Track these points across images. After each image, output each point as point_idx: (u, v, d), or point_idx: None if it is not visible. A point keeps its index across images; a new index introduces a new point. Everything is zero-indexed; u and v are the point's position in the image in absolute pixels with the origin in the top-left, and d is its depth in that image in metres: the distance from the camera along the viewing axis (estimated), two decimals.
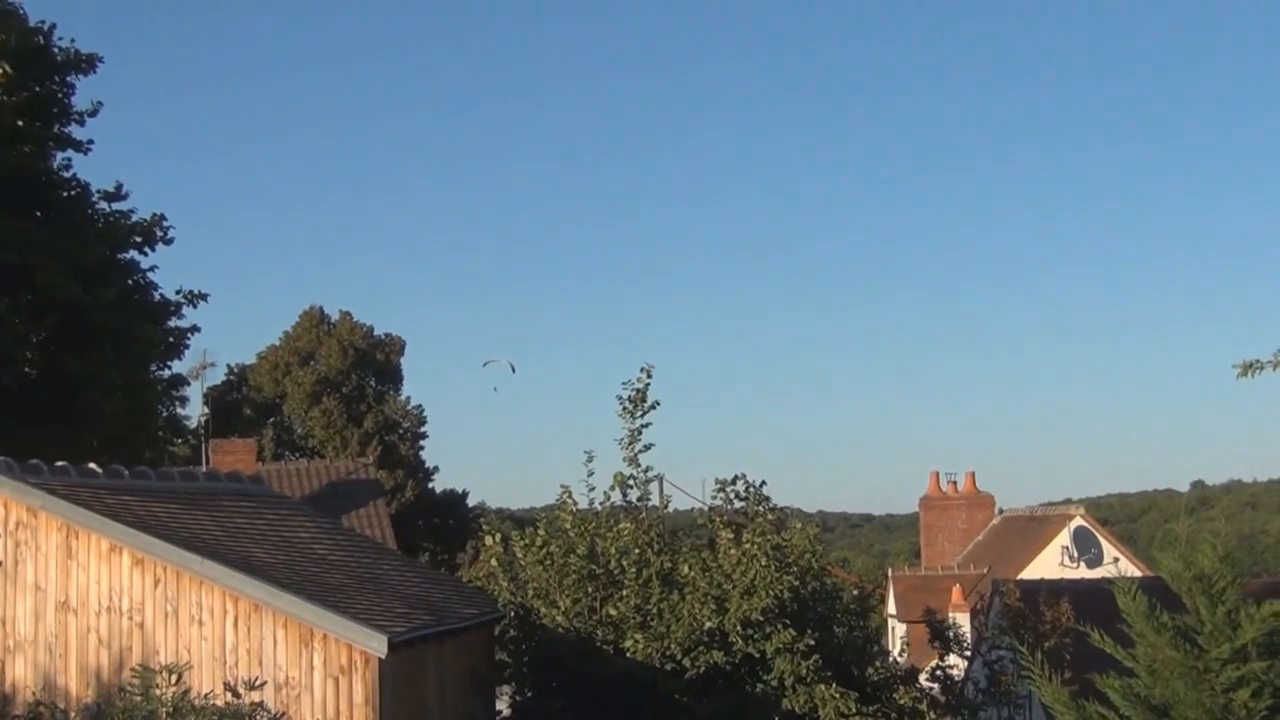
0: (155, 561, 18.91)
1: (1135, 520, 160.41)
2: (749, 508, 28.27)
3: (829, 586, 28.61)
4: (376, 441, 73.14)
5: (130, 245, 38.69)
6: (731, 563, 25.76)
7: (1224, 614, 17.01)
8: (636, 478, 27.97)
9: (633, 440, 27.94)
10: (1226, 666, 16.73)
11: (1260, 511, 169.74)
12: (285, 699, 18.39)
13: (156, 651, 18.72)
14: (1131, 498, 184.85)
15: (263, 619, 18.65)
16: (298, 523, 24.36)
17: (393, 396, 79.34)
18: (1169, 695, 17.12)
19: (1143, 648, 17.47)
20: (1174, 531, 18.60)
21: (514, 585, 27.20)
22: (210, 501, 22.58)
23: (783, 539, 26.84)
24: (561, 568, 26.33)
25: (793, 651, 24.96)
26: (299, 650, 18.57)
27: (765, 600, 25.05)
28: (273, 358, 78.58)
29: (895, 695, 26.93)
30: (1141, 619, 17.47)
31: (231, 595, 18.71)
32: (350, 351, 77.57)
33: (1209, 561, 17.40)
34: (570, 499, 27.74)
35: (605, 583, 26.25)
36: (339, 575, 21.52)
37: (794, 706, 24.98)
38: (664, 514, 28.87)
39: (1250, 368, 18.52)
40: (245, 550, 20.45)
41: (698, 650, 24.93)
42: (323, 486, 46.96)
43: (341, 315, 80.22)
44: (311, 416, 75.27)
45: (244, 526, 22.05)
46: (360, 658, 18.37)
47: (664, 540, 27.27)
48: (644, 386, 27.94)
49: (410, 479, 74.78)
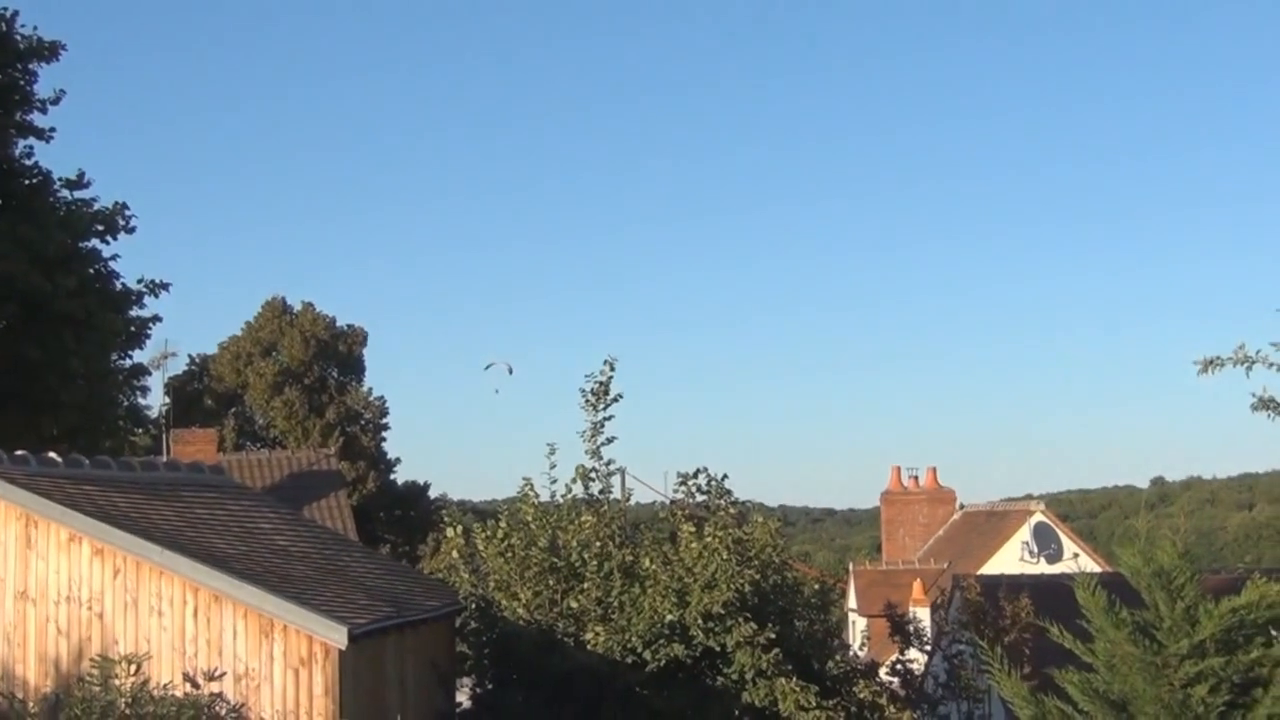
0: (115, 551, 18.86)
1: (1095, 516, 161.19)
2: (711, 501, 28.30)
3: (790, 580, 28.62)
4: (338, 433, 72.97)
5: (92, 234, 38.55)
6: (693, 556, 25.77)
7: (1183, 610, 17.08)
8: (598, 470, 28.00)
9: (595, 433, 27.96)
10: (1185, 662, 16.79)
11: (1220, 508, 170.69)
12: (245, 690, 18.37)
13: (116, 642, 18.68)
14: (1092, 494, 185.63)
15: (223, 610, 18.62)
16: (259, 513, 24.32)
17: (355, 388, 79.18)
18: (1127, 690, 17.19)
19: (1102, 643, 17.53)
20: (1133, 527, 18.65)
21: (475, 577, 27.19)
22: (171, 492, 22.53)
23: (744, 533, 26.86)
24: (523, 560, 26.31)
25: (753, 645, 24.98)
26: (259, 641, 18.54)
27: (726, 594, 25.07)
28: (234, 348, 78.38)
29: (855, 689, 26.98)
30: (1101, 614, 17.53)
31: (191, 586, 18.67)
32: (312, 342, 77.42)
33: (1168, 557, 17.46)
34: (532, 491, 27.74)
35: (566, 575, 26.25)
36: (300, 566, 21.48)
37: (754, 700, 25.01)
38: (626, 507, 28.90)
39: (1211, 364, 18.61)
40: (206, 541, 20.40)
41: (658, 643, 24.94)
42: (284, 477, 46.89)
43: (304, 306, 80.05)
44: (273, 407, 75.08)
45: (205, 517, 22.01)
46: (320, 649, 18.35)
47: (625, 533, 27.29)
48: (607, 379, 27.97)
49: (372, 470, 74.66)
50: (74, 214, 38.13)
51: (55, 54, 37.91)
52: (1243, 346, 18.48)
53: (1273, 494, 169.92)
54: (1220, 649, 16.91)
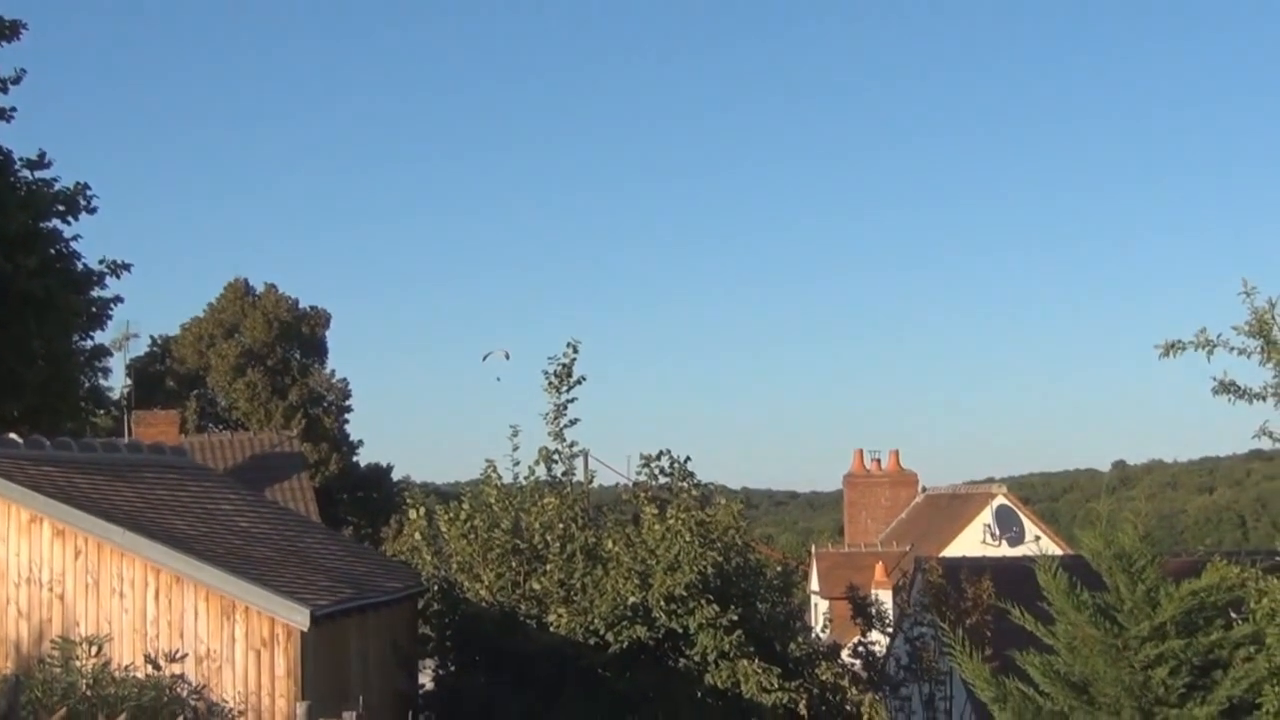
0: (76, 533, 18.81)
1: (1057, 499, 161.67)
2: (673, 483, 28.31)
3: (753, 563, 28.66)
4: (301, 414, 72.70)
5: (53, 214, 38.30)
6: (655, 538, 25.79)
7: (1143, 592, 17.18)
8: (561, 453, 27.98)
9: (558, 415, 27.96)
10: (1145, 644, 16.90)
11: (1181, 491, 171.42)
12: (206, 671, 18.34)
13: (77, 623, 18.63)
14: (1053, 477, 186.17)
15: (184, 591, 18.59)
16: (221, 495, 24.27)
17: (318, 369, 78.98)
18: (1088, 672, 17.29)
19: (1063, 625, 17.62)
20: (1095, 511, 18.75)
21: (438, 559, 27.18)
22: (132, 473, 22.46)
23: (707, 515, 26.87)
24: (485, 542, 26.30)
25: (716, 627, 25.02)
26: (220, 623, 18.52)
27: (689, 576, 25.09)
28: (197, 329, 78.07)
29: (817, 671, 27.05)
30: (1062, 597, 17.63)
31: (153, 567, 18.63)
32: (275, 324, 77.14)
33: (1129, 540, 17.57)
34: (495, 473, 27.73)
35: (529, 557, 26.25)
36: (262, 548, 21.45)
37: (716, 682, 25.04)
38: (588, 489, 28.93)
39: (1172, 348, 18.68)
40: (167, 522, 20.36)
41: (621, 625, 24.96)
42: (246, 459, 46.75)
43: (266, 287, 79.76)
44: (235, 389, 74.80)
45: (166, 499, 21.95)
46: (282, 631, 18.34)
47: (588, 515, 27.29)
48: (570, 362, 27.95)
49: (334, 452, 74.47)
50: (35, 194, 37.87)
51: (16, 33, 37.63)
52: (1204, 330, 18.58)
53: (1233, 478, 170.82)
54: (1180, 631, 17.03)
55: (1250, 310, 18.36)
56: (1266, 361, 18.33)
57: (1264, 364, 18.36)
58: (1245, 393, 18.54)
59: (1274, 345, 18.22)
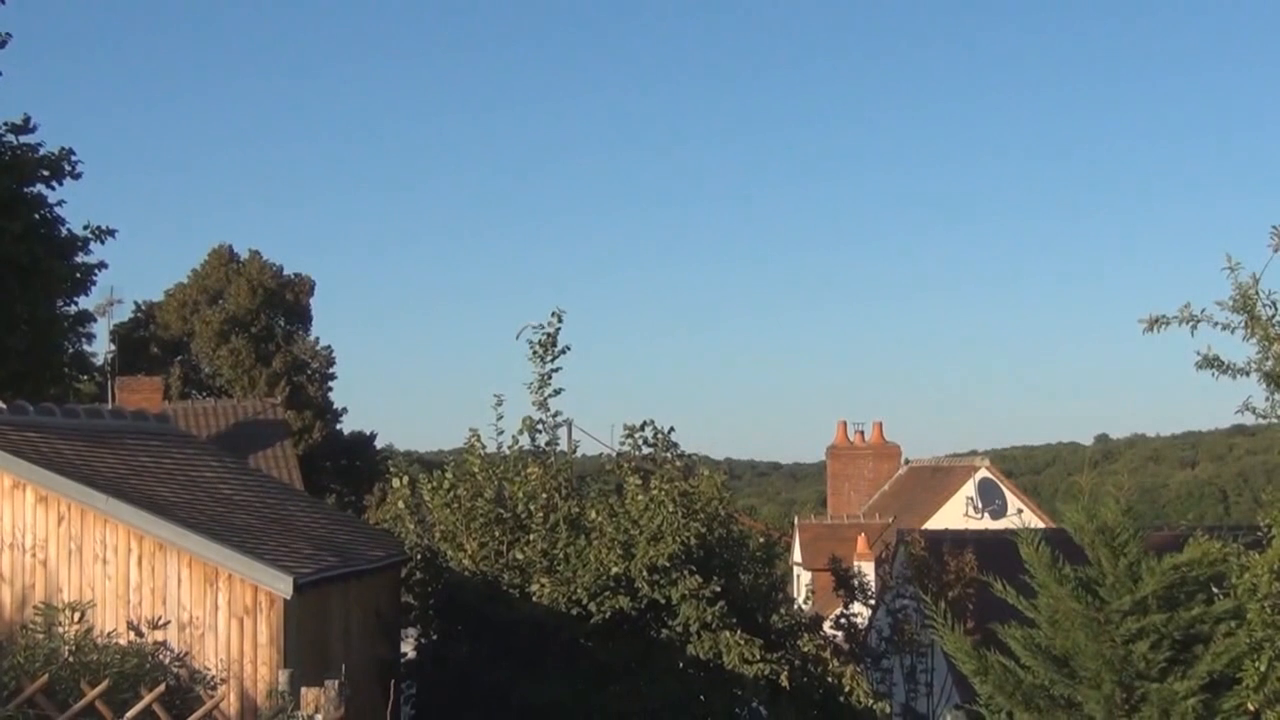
0: (59, 499, 18.76)
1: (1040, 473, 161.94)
2: (657, 454, 28.36)
3: (735, 534, 28.72)
4: (284, 382, 72.65)
5: (37, 179, 38.22)
6: (639, 509, 25.82)
7: (1125, 566, 17.22)
8: (545, 422, 28.01)
9: (542, 385, 27.96)
10: (1127, 618, 16.94)
11: (1163, 465, 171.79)
12: (189, 638, 18.31)
13: (60, 589, 18.59)
14: (1036, 450, 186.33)
15: (167, 558, 18.55)
16: (204, 462, 24.23)
17: (301, 337, 78.93)
18: (1069, 646, 17.33)
19: (1045, 598, 17.67)
20: (1077, 484, 18.80)
21: (421, 528, 27.20)
22: (115, 440, 22.41)
23: (690, 486, 26.91)
24: (469, 511, 26.31)
25: (698, 598, 25.06)
26: (204, 590, 18.49)
27: (672, 546, 25.12)
28: (181, 295, 77.98)
29: (799, 642, 27.11)
30: (1044, 570, 17.66)
31: (136, 534, 18.60)
32: (259, 291, 77.06)
33: (1111, 514, 17.60)
34: (478, 442, 27.73)
35: (512, 527, 26.27)
36: (245, 515, 21.42)
37: (698, 653, 25.09)
38: (572, 459, 28.96)
39: (1156, 323, 18.68)
40: (150, 489, 20.32)
41: (603, 595, 24.99)
42: (229, 426, 46.69)
43: (251, 254, 79.68)
44: (219, 355, 74.74)
45: (149, 465, 21.91)
46: (265, 598, 18.32)
47: (571, 485, 27.30)
48: (554, 331, 27.95)
49: (318, 420, 74.46)
50: (19, 158, 37.78)
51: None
52: (1188, 305, 18.58)
53: (1215, 452, 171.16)
54: (1162, 606, 17.07)
55: (1234, 285, 18.37)
56: (1250, 337, 18.34)
57: (1247, 339, 18.38)
58: (1228, 368, 18.56)
59: (1257, 320, 18.24)
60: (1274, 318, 18.27)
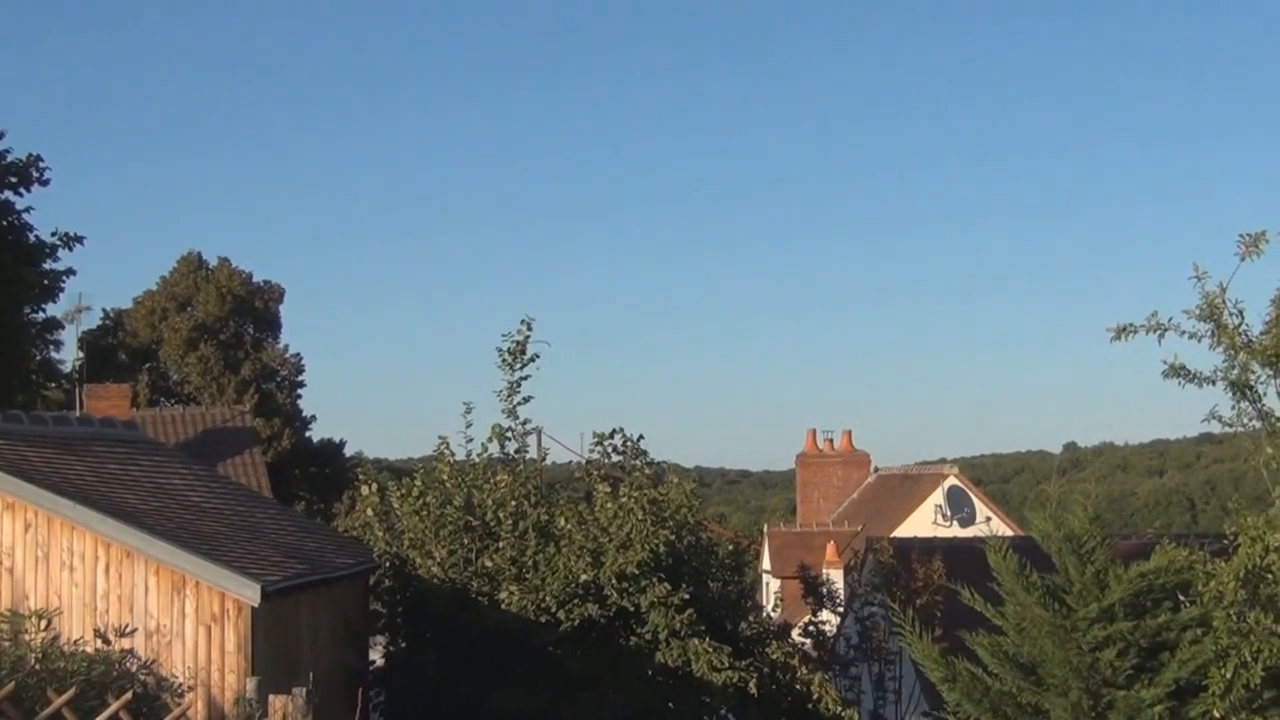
0: (26, 506, 18.71)
1: (1008, 481, 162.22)
2: (626, 461, 28.38)
3: (704, 541, 28.75)
4: (253, 389, 72.50)
5: (5, 186, 38.19)
6: (608, 516, 25.84)
7: (1092, 574, 17.28)
8: (514, 430, 28.01)
9: (511, 392, 27.96)
10: (1094, 626, 17.00)
11: (1131, 474, 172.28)
12: (156, 646, 18.29)
13: (26, 597, 18.54)
14: (1005, 458, 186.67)
15: (135, 565, 18.52)
16: (172, 469, 24.19)
17: (271, 344, 78.75)
18: (1037, 653, 17.39)
19: (1012, 606, 17.72)
20: (1045, 492, 18.89)
21: (390, 535, 27.18)
22: (83, 447, 22.36)
23: (659, 493, 26.93)
24: (438, 518, 26.31)
25: (667, 605, 25.08)
26: (171, 597, 18.47)
27: (641, 554, 25.14)
28: (149, 303, 77.75)
29: (768, 650, 27.15)
30: (1011, 578, 17.72)
31: (103, 541, 18.56)
32: (228, 298, 76.89)
33: (1079, 522, 17.67)
34: (448, 450, 27.72)
35: (481, 534, 26.27)
36: (213, 523, 21.39)
37: (667, 660, 25.11)
38: (541, 466, 28.94)
39: (1124, 331, 18.77)
40: (118, 496, 20.28)
41: (572, 603, 25.00)
42: (198, 434, 46.66)
43: (220, 261, 79.49)
44: (188, 363, 74.54)
45: (117, 473, 21.87)
46: (233, 606, 18.30)
47: (541, 493, 27.32)
48: (524, 339, 27.95)
49: (287, 427, 74.30)
50: None
51: None
52: (1156, 314, 18.68)
53: (1183, 461, 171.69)
54: (1128, 613, 17.13)
55: (1201, 294, 18.48)
56: (1216, 345, 18.45)
57: (1214, 348, 18.49)
58: (1195, 376, 18.66)
59: (1224, 329, 18.34)
60: (1240, 326, 18.38)
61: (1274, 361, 18.23)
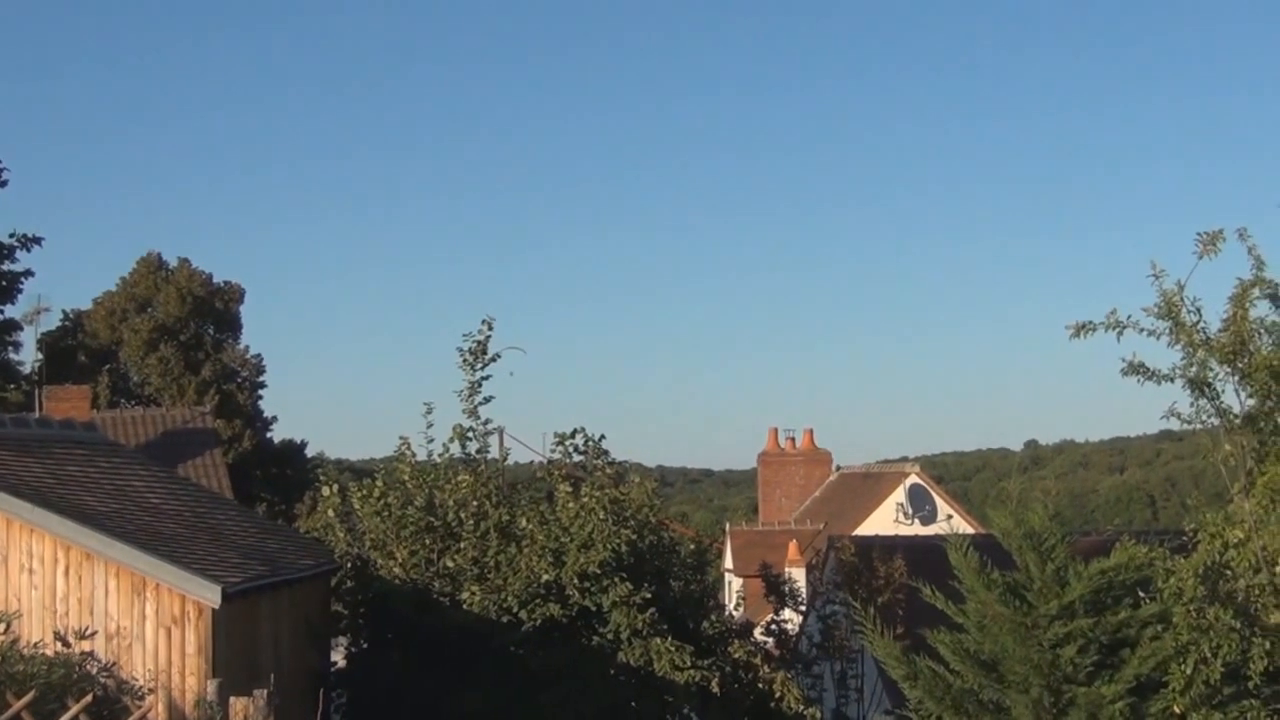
0: None
1: (969, 479, 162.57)
2: (588, 461, 28.40)
3: (666, 541, 28.79)
4: (214, 390, 72.15)
5: None
6: (569, 516, 25.84)
7: (1053, 571, 17.30)
8: (476, 430, 28.00)
9: (472, 392, 27.95)
10: (1054, 623, 17.02)
11: (1092, 471, 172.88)
12: (116, 649, 18.24)
13: None
14: (966, 456, 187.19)
15: (94, 568, 18.47)
16: (131, 471, 24.11)
17: (231, 345, 78.43)
18: (998, 650, 17.41)
19: (973, 603, 17.73)
20: (1006, 490, 18.89)
21: (351, 536, 27.14)
22: (42, 449, 22.28)
23: (621, 493, 26.96)
24: (399, 519, 26.29)
25: (629, 605, 25.09)
26: (131, 600, 18.42)
27: (603, 554, 25.15)
28: (109, 303, 77.37)
29: (730, 649, 27.17)
30: (972, 575, 17.73)
31: (63, 544, 18.51)
32: (188, 299, 76.54)
33: (1039, 520, 17.69)
34: (409, 450, 27.73)
35: (443, 535, 26.26)
36: (173, 525, 21.34)
37: (629, 660, 25.12)
38: (503, 467, 28.93)
39: (1083, 329, 18.81)
40: (77, 498, 20.22)
41: (535, 603, 25.00)
42: (158, 435, 46.45)
43: (180, 262, 79.15)
44: (148, 364, 74.19)
45: (76, 475, 21.79)
46: (193, 608, 18.26)
47: (502, 493, 27.33)
48: (484, 339, 27.95)
49: (248, 428, 73.99)
50: None
51: None
52: (1114, 312, 18.72)
53: (1144, 457, 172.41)
54: (1089, 610, 17.16)
55: (1159, 292, 18.53)
56: (1175, 343, 18.50)
57: (1172, 345, 18.54)
58: (1154, 374, 18.71)
59: (1182, 327, 18.39)
60: (1198, 324, 18.44)
61: (1231, 359, 18.30)
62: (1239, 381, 18.44)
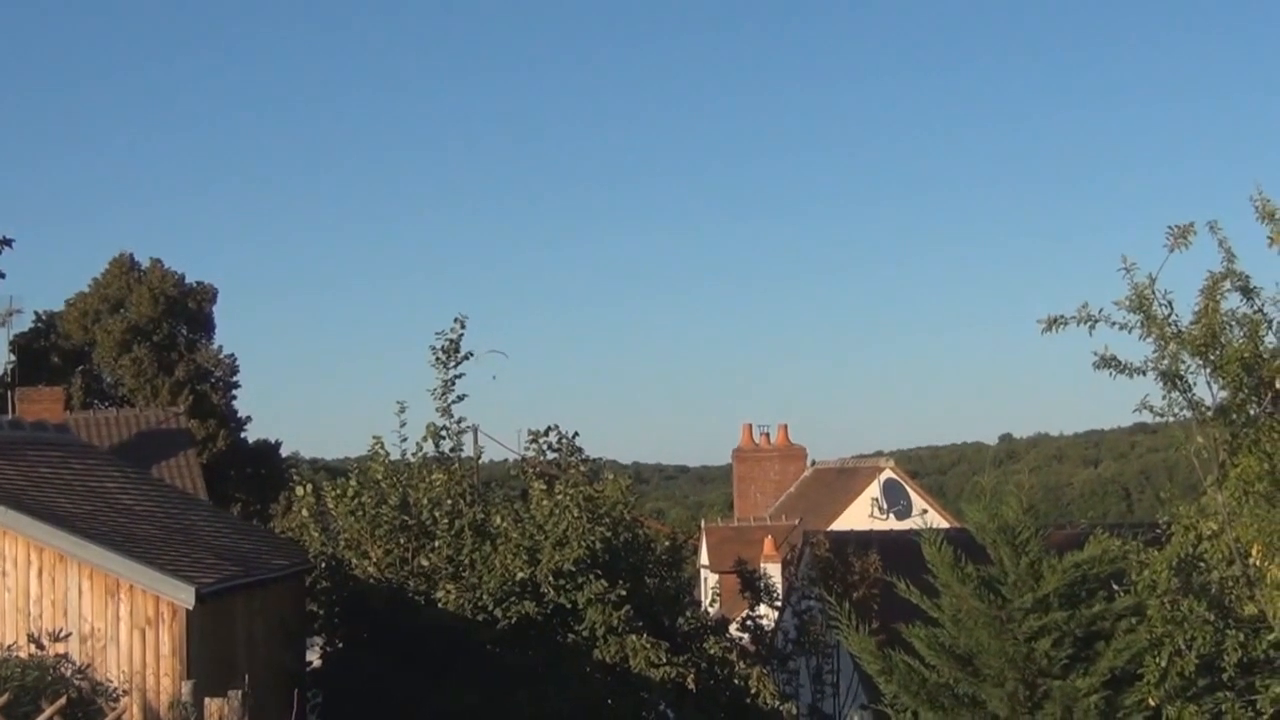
0: None
1: (944, 473, 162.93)
2: (562, 459, 28.42)
3: (641, 538, 28.79)
4: (188, 391, 72.04)
5: None
6: (544, 514, 25.85)
7: (1027, 565, 17.35)
8: (449, 428, 28.02)
9: (445, 391, 27.95)
10: (1029, 616, 17.07)
11: (1066, 464, 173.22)
12: (91, 650, 18.21)
13: None
14: (941, 450, 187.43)
15: (68, 570, 18.44)
16: (105, 473, 24.07)
17: (204, 345, 78.28)
18: (973, 644, 17.45)
19: (948, 598, 17.77)
20: (980, 484, 18.92)
21: (326, 536, 27.11)
22: (14, 451, 22.23)
23: (595, 490, 26.99)
24: (373, 518, 26.27)
25: (604, 602, 25.11)
26: (105, 601, 18.39)
27: (577, 551, 25.16)
28: (82, 305, 77.20)
29: (705, 645, 27.19)
30: (947, 570, 17.77)
31: (36, 546, 18.47)
32: (161, 299, 76.39)
33: (1013, 514, 17.73)
34: (383, 450, 27.68)
35: (417, 533, 26.24)
36: (147, 526, 21.30)
37: (605, 656, 25.14)
38: (477, 465, 28.93)
39: (1055, 323, 18.84)
40: (50, 500, 20.18)
41: (510, 601, 25.00)
42: (132, 436, 46.36)
43: (152, 262, 78.99)
44: (121, 365, 74.05)
45: (49, 476, 21.75)
46: (168, 609, 18.24)
47: (477, 491, 27.33)
48: (457, 337, 27.95)
49: (222, 429, 73.87)
50: None
51: None
52: (1086, 305, 18.74)
53: (1118, 450, 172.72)
54: (1063, 603, 17.21)
55: (1130, 286, 18.57)
56: (1147, 336, 18.53)
57: (1144, 338, 18.57)
58: (1126, 367, 18.74)
59: (1153, 320, 18.42)
60: (1170, 317, 18.48)
61: (1203, 351, 18.34)
62: (1211, 374, 18.48)
